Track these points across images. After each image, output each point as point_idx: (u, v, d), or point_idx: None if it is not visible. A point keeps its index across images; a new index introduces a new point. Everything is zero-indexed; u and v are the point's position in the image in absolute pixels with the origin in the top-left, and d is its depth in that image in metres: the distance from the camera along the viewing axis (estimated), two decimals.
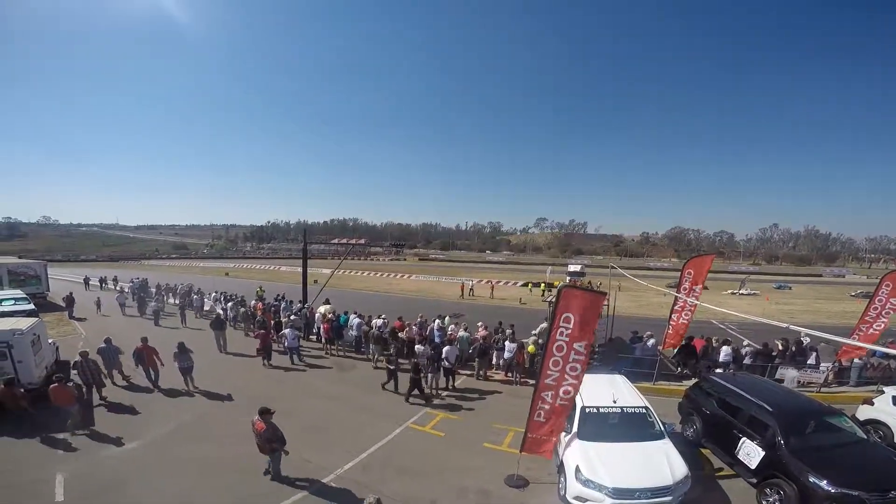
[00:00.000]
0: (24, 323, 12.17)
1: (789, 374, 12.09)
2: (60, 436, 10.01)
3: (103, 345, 13.49)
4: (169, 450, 9.67)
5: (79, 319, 23.43)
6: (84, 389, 11.88)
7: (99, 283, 39.00)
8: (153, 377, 13.31)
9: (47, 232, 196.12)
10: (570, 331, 7.92)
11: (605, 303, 17.60)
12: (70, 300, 24.80)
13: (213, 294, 25.75)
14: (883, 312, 13.08)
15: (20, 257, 42.44)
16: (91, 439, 10.08)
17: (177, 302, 26.07)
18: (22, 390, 10.88)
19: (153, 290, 30.74)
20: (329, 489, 8.25)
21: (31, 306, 21.36)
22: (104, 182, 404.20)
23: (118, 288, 32.71)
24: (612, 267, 26.11)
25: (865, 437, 8.40)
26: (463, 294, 38.63)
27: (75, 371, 12.05)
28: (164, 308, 24.22)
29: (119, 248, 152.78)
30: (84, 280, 40.15)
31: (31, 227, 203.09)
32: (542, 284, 41.32)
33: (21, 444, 9.73)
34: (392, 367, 13.30)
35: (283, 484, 8.37)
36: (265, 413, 8.27)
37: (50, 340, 14.31)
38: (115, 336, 14.53)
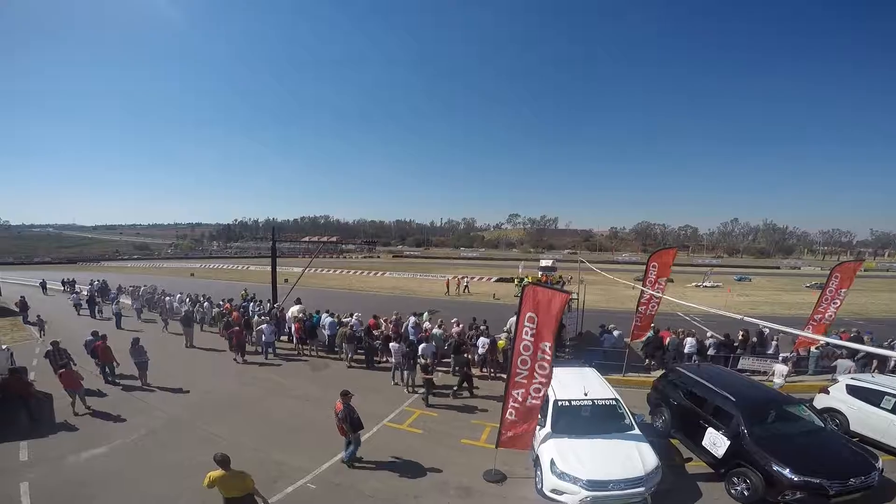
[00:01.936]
0: None
1: (779, 369, 12.51)
2: (23, 442, 9.63)
3: (50, 348, 13.04)
4: (138, 454, 9.36)
5: (33, 324, 22.24)
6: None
7: (62, 286, 35.76)
8: (108, 373, 13.47)
9: None
10: (534, 330, 7.96)
11: (575, 297, 18.02)
12: (23, 304, 23.59)
13: (179, 295, 24.95)
14: (833, 302, 13.82)
15: None
16: (56, 444, 9.70)
17: (136, 306, 25.06)
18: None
19: (114, 292, 29.53)
20: (306, 491, 8.15)
21: None
22: (57, 181, 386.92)
23: (76, 290, 31.22)
24: (581, 261, 26.64)
25: (823, 425, 8.72)
26: (448, 290, 38.37)
27: (47, 359, 12.88)
28: (122, 311, 23.22)
29: (76, 250, 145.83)
30: (41, 284, 36.18)
31: None
32: (516, 279, 41.71)
33: None
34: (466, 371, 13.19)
35: (352, 469, 8.82)
36: (345, 395, 8.87)
37: (4, 346, 13.62)
38: (74, 340, 14.04)
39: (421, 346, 13.58)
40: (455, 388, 13.08)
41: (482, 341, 14.72)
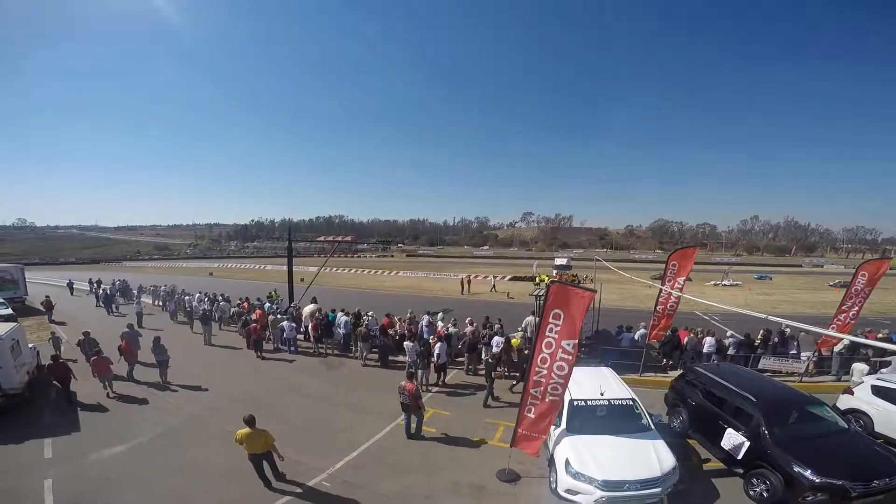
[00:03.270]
0: (2, 328, 11.96)
1: (858, 367, 11.99)
2: (47, 440, 9.88)
3: (81, 338, 14.65)
4: (158, 452, 9.55)
5: (59, 323, 22.92)
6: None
7: (89, 286, 34.27)
8: (129, 371, 13.95)
9: (23, 235, 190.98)
10: (559, 328, 7.90)
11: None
12: (49, 304, 24.29)
13: (198, 294, 25.43)
14: (858, 301, 13.46)
15: None
16: (78, 442, 9.94)
17: (170, 308, 25.85)
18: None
19: (135, 291, 30.30)
20: (320, 490, 8.22)
21: (10, 311, 20.89)
22: (81, 183, 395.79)
23: (102, 288, 31.90)
24: (597, 260, 26.37)
25: (847, 426, 8.52)
26: (463, 290, 38.16)
27: (79, 347, 14.37)
28: (144, 310, 23.87)
29: (99, 250, 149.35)
30: (68, 285, 35.79)
31: (5, 230, 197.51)
32: (538, 278, 41.36)
33: (7, 450, 9.52)
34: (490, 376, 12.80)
35: (416, 440, 9.98)
36: (412, 376, 10.40)
37: (31, 345, 14.02)
38: (97, 335, 14.62)
39: (437, 346, 13.57)
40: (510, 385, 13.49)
41: (496, 340, 14.68)
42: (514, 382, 13.41)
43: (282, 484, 8.34)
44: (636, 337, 15.42)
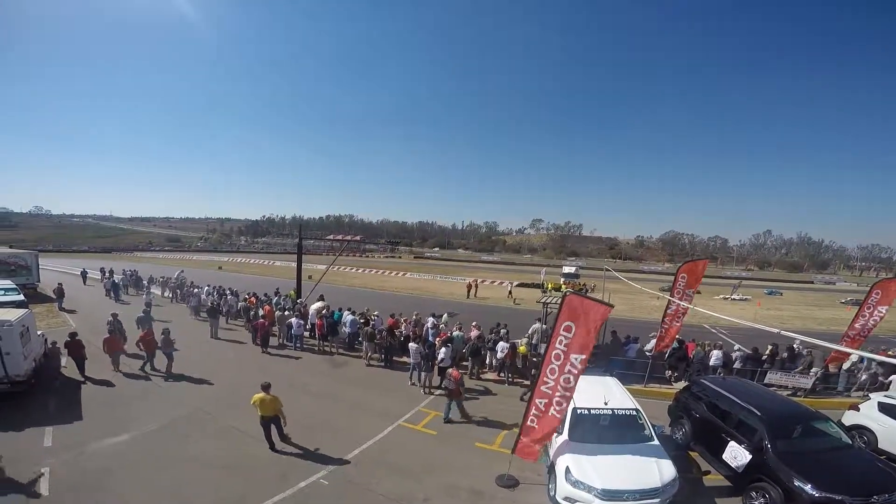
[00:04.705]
0: (12, 314, 12.01)
1: None
2: (48, 428, 9.95)
3: (111, 318, 15.86)
4: (159, 444, 9.62)
5: (69, 311, 23.24)
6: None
7: (101, 275, 32.97)
8: (147, 364, 14.15)
9: (39, 222, 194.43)
10: (569, 341, 7.82)
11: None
12: (60, 292, 24.59)
13: (206, 288, 25.70)
14: (871, 320, 13.28)
15: (10, 247, 41.89)
16: (79, 431, 9.99)
17: (168, 294, 27.06)
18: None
19: (145, 282, 30.66)
20: (319, 487, 8.24)
21: (21, 297, 21.12)
22: (98, 173, 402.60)
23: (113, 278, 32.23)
24: (606, 269, 26.22)
25: (850, 442, 8.50)
26: (469, 294, 37.95)
27: (108, 326, 15.20)
28: (153, 300, 24.21)
29: (112, 240, 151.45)
30: (81, 274, 35.16)
31: (22, 217, 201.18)
32: (551, 285, 41.14)
33: (4, 437, 9.55)
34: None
35: (455, 424, 10.87)
36: (461, 362, 11.43)
37: (39, 332, 14.20)
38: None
39: (441, 350, 13.53)
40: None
41: (501, 346, 14.63)
42: (525, 391, 13.28)
43: (284, 445, 9.48)
44: (646, 348, 15.28)
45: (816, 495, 6.99)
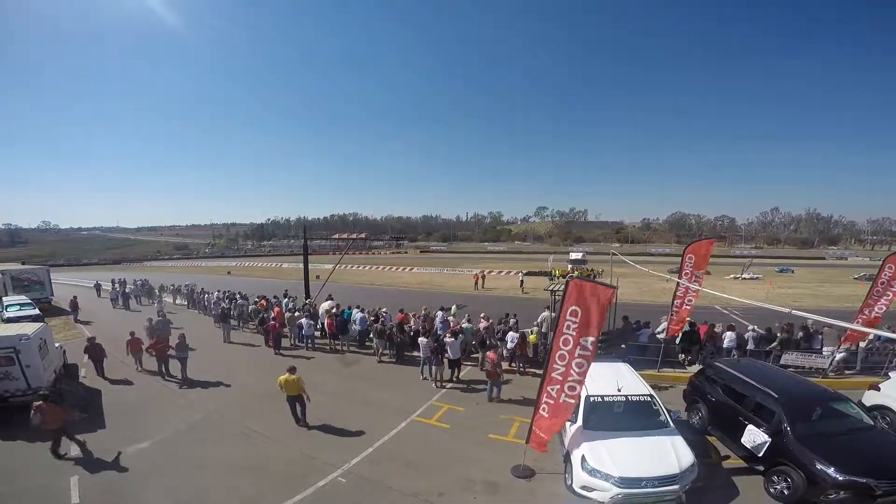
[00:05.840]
0: (30, 328, 12.18)
1: None
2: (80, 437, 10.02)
3: (147, 323, 17.40)
4: (181, 448, 9.74)
5: (84, 323, 23.56)
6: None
7: (111, 286, 32.67)
8: (164, 370, 14.36)
9: (48, 237, 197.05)
10: (576, 325, 7.79)
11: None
12: (74, 305, 24.98)
13: (217, 293, 25.92)
14: (885, 294, 13.05)
15: (23, 263, 42.42)
16: (102, 438, 10.12)
17: (182, 302, 27.08)
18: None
19: (157, 291, 31.02)
20: (336, 486, 8.30)
21: (37, 311, 21.46)
22: (103, 185, 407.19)
23: (125, 289, 32.52)
24: (613, 254, 26.05)
25: (872, 423, 8.30)
26: (477, 285, 37.97)
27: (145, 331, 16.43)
28: (165, 308, 24.49)
29: (120, 251, 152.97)
30: (95, 287, 35.64)
31: (31, 232, 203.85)
32: (557, 273, 41.04)
33: (34, 448, 9.68)
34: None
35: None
36: (496, 348, 12.75)
37: (57, 345, 14.39)
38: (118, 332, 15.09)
39: (449, 341, 13.57)
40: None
41: (511, 336, 14.63)
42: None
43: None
44: (657, 332, 15.17)
45: (841, 479, 6.85)
